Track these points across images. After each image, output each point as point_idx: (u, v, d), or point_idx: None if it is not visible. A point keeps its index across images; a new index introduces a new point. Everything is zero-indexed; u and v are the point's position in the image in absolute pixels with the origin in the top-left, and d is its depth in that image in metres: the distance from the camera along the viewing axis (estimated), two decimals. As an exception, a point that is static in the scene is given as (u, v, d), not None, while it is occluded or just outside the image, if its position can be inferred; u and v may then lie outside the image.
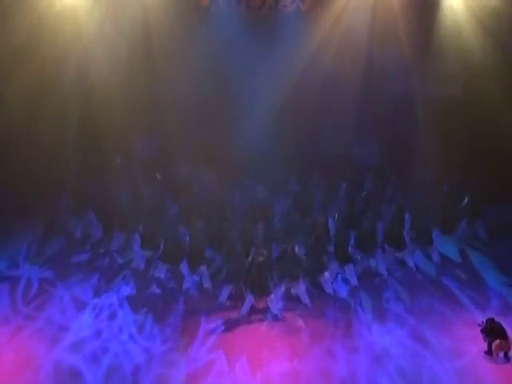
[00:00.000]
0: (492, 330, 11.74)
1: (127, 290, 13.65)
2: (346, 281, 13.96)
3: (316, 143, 19.89)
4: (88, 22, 18.03)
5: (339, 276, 13.96)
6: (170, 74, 19.61)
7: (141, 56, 19.69)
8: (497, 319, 11.84)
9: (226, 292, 13.19)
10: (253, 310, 12.82)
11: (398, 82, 19.90)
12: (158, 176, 16.13)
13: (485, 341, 11.79)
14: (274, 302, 12.83)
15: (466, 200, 15.63)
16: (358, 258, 14.31)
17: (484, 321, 11.90)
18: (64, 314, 12.68)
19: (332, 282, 13.72)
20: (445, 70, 19.41)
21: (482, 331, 11.85)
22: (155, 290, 13.69)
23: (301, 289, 13.17)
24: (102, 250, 15.30)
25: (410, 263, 14.60)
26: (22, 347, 11.72)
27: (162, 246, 14.08)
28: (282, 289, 13.10)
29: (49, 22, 16.85)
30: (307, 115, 19.87)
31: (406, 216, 14.84)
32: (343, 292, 13.72)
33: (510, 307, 13.15)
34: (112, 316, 12.74)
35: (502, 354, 11.62)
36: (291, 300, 13.22)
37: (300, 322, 12.68)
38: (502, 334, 11.64)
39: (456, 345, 12.04)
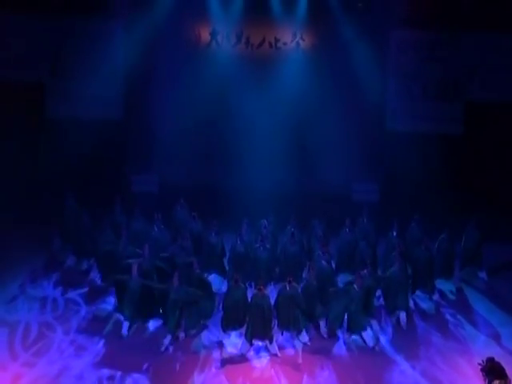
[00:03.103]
0: (492, 370, 11.60)
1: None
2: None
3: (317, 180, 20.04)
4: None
5: None
6: (169, 109, 20.13)
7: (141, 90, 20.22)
8: (496, 359, 11.72)
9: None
10: (252, 347, 12.77)
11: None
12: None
13: (484, 380, 11.67)
14: (274, 343, 12.79)
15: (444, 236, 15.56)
16: None
17: (484, 360, 11.77)
18: (64, 359, 12.37)
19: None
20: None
21: (482, 370, 11.72)
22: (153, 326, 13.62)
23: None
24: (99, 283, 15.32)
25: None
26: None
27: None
28: (281, 333, 13.14)
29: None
30: (307, 151, 20.07)
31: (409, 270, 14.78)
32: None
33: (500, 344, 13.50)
34: (112, 360, 12.47)
35: (501, 395, 11.50)
36: (291, 340, 13.16)
37: (300, 359, 12.62)
38: (502, 374, 11.49)
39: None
